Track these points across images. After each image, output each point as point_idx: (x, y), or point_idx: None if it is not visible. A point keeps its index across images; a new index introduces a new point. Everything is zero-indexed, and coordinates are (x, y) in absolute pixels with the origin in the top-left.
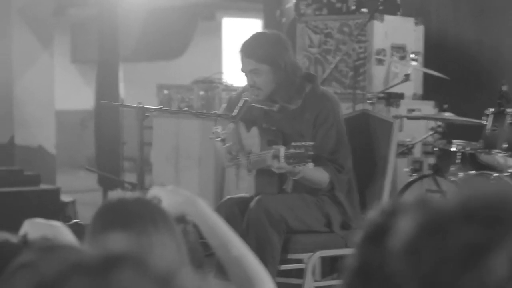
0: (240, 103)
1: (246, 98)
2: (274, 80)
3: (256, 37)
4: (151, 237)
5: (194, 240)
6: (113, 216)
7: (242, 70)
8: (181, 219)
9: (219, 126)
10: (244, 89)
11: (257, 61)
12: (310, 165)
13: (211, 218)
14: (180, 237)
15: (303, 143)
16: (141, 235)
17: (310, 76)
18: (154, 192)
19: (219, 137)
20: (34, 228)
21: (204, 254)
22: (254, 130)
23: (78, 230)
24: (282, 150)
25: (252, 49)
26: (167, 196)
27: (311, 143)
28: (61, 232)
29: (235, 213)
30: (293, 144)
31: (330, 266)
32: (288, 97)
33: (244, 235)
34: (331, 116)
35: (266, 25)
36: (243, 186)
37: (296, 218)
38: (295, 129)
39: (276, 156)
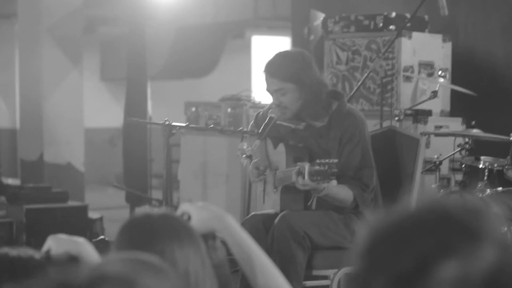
0: (266, 121)
1: (272, 115)
2: (300, 98)
3: (279, 56)
4: (175, 253)
5: (222, 256)
6: (138, 232)
7: (267, 90)
8: (210, 235)
9: (245, 143)
10: (270, 106)
11: (282, 80)
12: (334, 182)
13: (239, 234)
14: (205, 253)
15: (327, 160)
16: (165, 250)
17: (337, 93)
18: (183, 208)
19: (244, 154)
20: (58, 243)
21: (231, 270)
22: (281, 147)
23: (104, 246)
24: (306, 167)
25: (275, 69)
26: (196, 212)
27: (335, 161)
28: (84, 248)
29: (260, 229)
30: (317, 161)
31: None
32: (314, 115)
33: (269, 251)
34: (357, 134)
35: (294, 42)
36: (269, 203)
37: (321, 234)
38: (322, 147)
39: (300, 173)
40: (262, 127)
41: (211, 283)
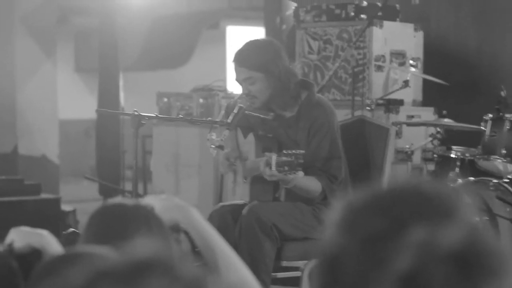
0: (235, 110)
1: (241, 105)
2: (269, 87)
3: (248, 45)
4: (144, 239)
5: (186, 249)
6: (109, 218)
7: (236, 79)
8: (174, 228)
9: (214, 133)
10: (240, 96)
11: (250, 69)
12: (300, 173)
13: (202, 226)
14: (173, 244)
15: (293, 151)
16: (135, 236)
17: (306, 83)
18: (147, 199)
19: (214, 144)
20: (20, 236)
21: (196, 264)
22: (250, 137)
23: (74, 238)
24: (274, 157)
25: (244, 58)
26: (160, 203)
27: (302, 151)
28: (47, 240)
29: (228, 220)
30: (284, 151)
31: None
32: (283, 104)
33: (237, 242)
34: (326, 125)
35: (267, 32)
36: (239, 193)
37: (290, 225)
38: (291, 137)
39: (268, 164)
40: (231, 116)
41: None
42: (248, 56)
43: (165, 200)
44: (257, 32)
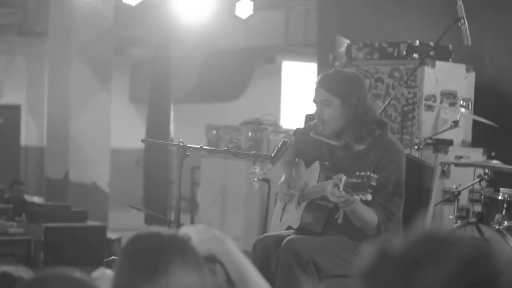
0: (279, 144)
1: (286, 139)
2: (342, 117)
3: (335, 72)
4: (178, 269)
5: (221, 280)
6: (144, 246)
7: (314, 100)
8: (210, 259)
9: (258, 167)
10: (311, 124)
11: (329, 92)
12: (369, 196)
13: (238, 258)
14: (207, 276)
15: (367, 174)
16: (169, 266)
17: (382, 122)
18: (184, 230)
19: (256, 178)
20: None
21: None
22: (315, 165)
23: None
24: (343, 178)
25: (327, 81)
26: (197, 234)
27: (375, 176)
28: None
29: (271, 250)
30: (356, 173)
31: None
32: (355, 137)
33: (274, 275)
34: (394, 163)
35: (320, 68)
36: (286, 219)
37: (329, 260)
38: (356, 170)
39: (336, 184)
40: (275, 150)
41: None
42: (331, 80)
43: (202, 231)
44: (311, 68)
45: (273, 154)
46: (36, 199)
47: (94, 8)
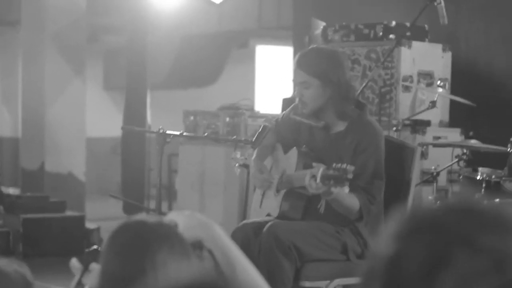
0: (260, 129)
1: (266, 124)
2: (322, 96)
3: (311, 50)
4: (166, 256)
5: (209, 266)
6: (131, 234)
7: (293, 81)
8: (197, 244)
9: (239, 152)
10: (293, 108)
11: (308, 73)
12: (346, 189)
13: (225, 244)
14: (195, 261)
15: (343, 166)
16: (156, 254)
17: (359, 103)
18: (171, 216)
19: (238, 163)
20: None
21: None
22: (293, 152)
23: (96, 256)
24: (320, 170)
25: (305, 62)
26: (183, 220)
27: (352, 167)
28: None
29: (250, 238)
30: (333, 165)
31: None
32: (337, 115)
33: (256, 261)
34: (373, 145)
35: (296, 51)
36: (266, 205)
37: (310, 245)
38: (335, 153)
39: (314, 176)
40: (255, 135)
41: None
42: (309, 61)
43: (188, 217)
44: (286, 51)
45: (254, 139)
46: (12, 191)
47: None
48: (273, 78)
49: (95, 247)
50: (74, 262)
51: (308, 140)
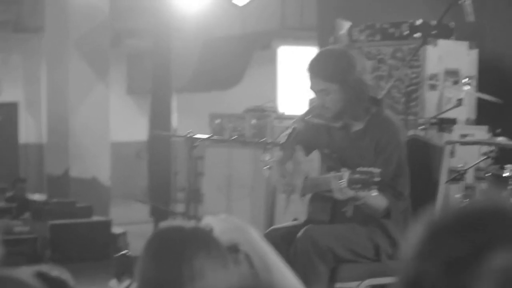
0: (289, 131)
1: (295, 126)
2: (343, 98)
3: (322, 55)
4: (203, 262)
5: (245, 269)
6: (168, 240)
7: (311, 88)
8: (233, 248)
9: (268, 155)
10: (309, 111)
11: (325, 80)
12: (374, 192)
13: (261, 247)
14: (231, 266)
15: (369, 169)
16: (193, 259)
17: (376, 99)
18: (206, 220)
19: (267, 165)
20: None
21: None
22: (315, 154)
23: (125, 261)
24: (346, 174)
25: (320, 68)
26: (219, 224)
27: (378, 170)
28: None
29: (278, 243)
30: (358, 169)
31: None
32: (355, 115)
33: (291, 264)
34: (394, 141)
35: None
36: (292, 211)
37: (344, 248)
38: (356, 152)
39: (340, 181)
40: (285, 137)
41: None
42: (323, 67)
43: (223, 221)
44: (309, 52)
45: (284, 141)
46: (38, 197)
47: (90, 1)
48: (295, 79)
49: (124, 252)
50: (114, 283)
51: (328, 141)
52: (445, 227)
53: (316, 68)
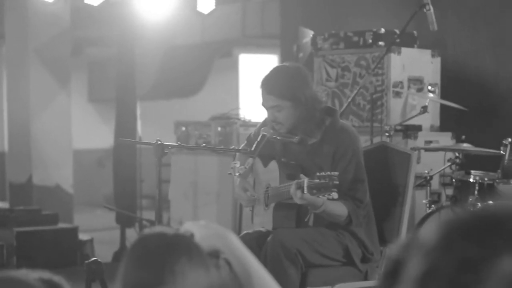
0: (259, 138)
1: (265, 133)
2: (295, 115)
3: (276, 72)
4: (185, 267)
5: (226, 274)
6: (150, 249)
7: (263, 105)
8: (214, 254)
9: (238, 162)
10: (263, 124)
11: (278, 97)
12: (335, 194)
13: (241, 253)
14: (213, 272)
15: (328, 173)
16: (175, 265)
17: (330, 110)
18: (187, 226)
19: (238, 172)
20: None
21: None
22: (273, 164)
23: (97, 268)
24: (306, 180)
25: (272, 85)
26: (199, 230)
27: (336, 173)
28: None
29: (253, 247)
30: (317, 174)
31: None
32: (308, 131)
33: None
34: (350, 150)
35: (283, 60)
36: (257, 222)
37: (314, 251)
38: (314, 163)
39: (300, 187)
40: (254, 144)
41: None
42: (276, 84)
43: (203, 227)
44: (271, 60)
45: (253, 148)
46: (0, 204)
47: (50, 9)
48: (257, 87)
49: (94, 258)
50: None
51: (284, 154)
52: (462, 227)
53: (270, 85)
